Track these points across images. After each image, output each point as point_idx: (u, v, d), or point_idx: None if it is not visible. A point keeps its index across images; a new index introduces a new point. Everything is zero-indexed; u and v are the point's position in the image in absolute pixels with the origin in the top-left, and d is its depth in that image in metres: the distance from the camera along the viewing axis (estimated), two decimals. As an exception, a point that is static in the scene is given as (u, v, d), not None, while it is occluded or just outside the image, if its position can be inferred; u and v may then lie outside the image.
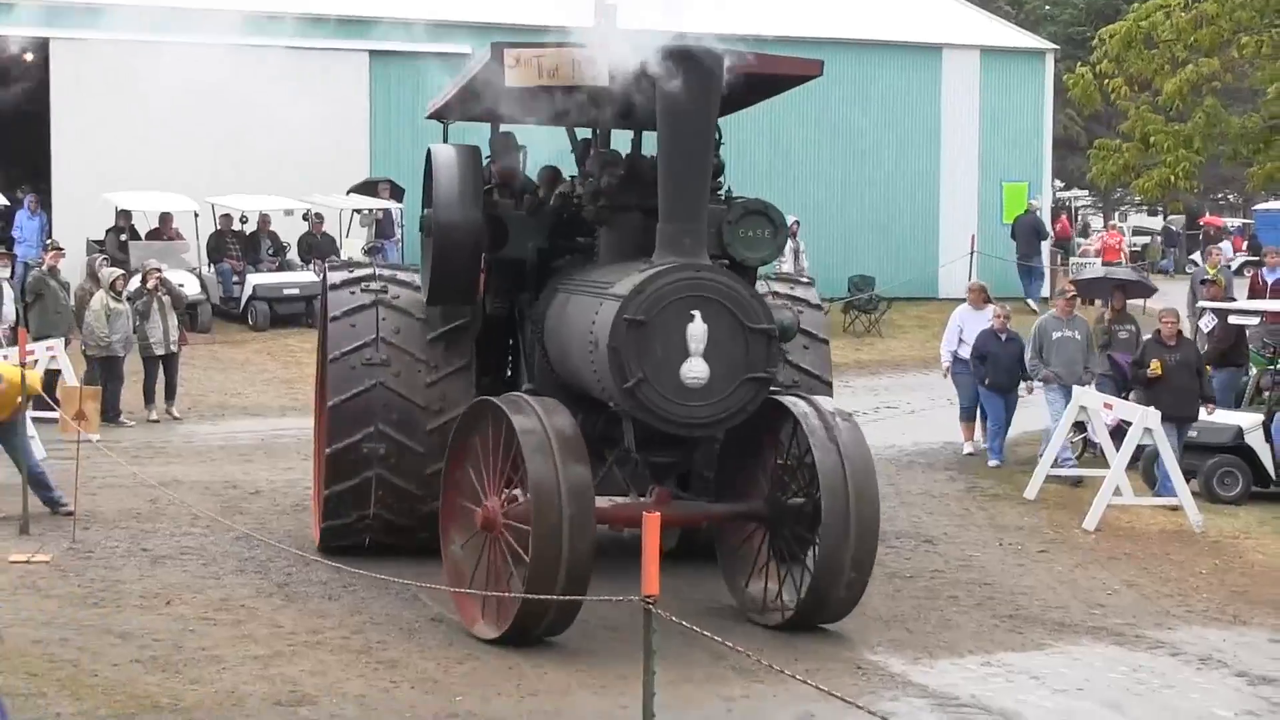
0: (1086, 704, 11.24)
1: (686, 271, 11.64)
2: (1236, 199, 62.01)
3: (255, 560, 14.63)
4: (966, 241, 37.56)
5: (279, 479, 18.91)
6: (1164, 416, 18.02)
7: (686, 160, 11.81)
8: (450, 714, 10.37)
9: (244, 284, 31.98)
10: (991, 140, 40.76)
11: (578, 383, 12.81)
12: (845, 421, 12.28)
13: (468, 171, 13.97)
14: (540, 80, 12.01)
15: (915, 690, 11.33)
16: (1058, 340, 20.06)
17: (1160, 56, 22.44)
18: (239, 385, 27.10)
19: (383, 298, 14.56)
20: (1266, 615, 14.04)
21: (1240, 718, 11.05)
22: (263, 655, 11.62)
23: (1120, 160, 23.89)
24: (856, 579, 12.16)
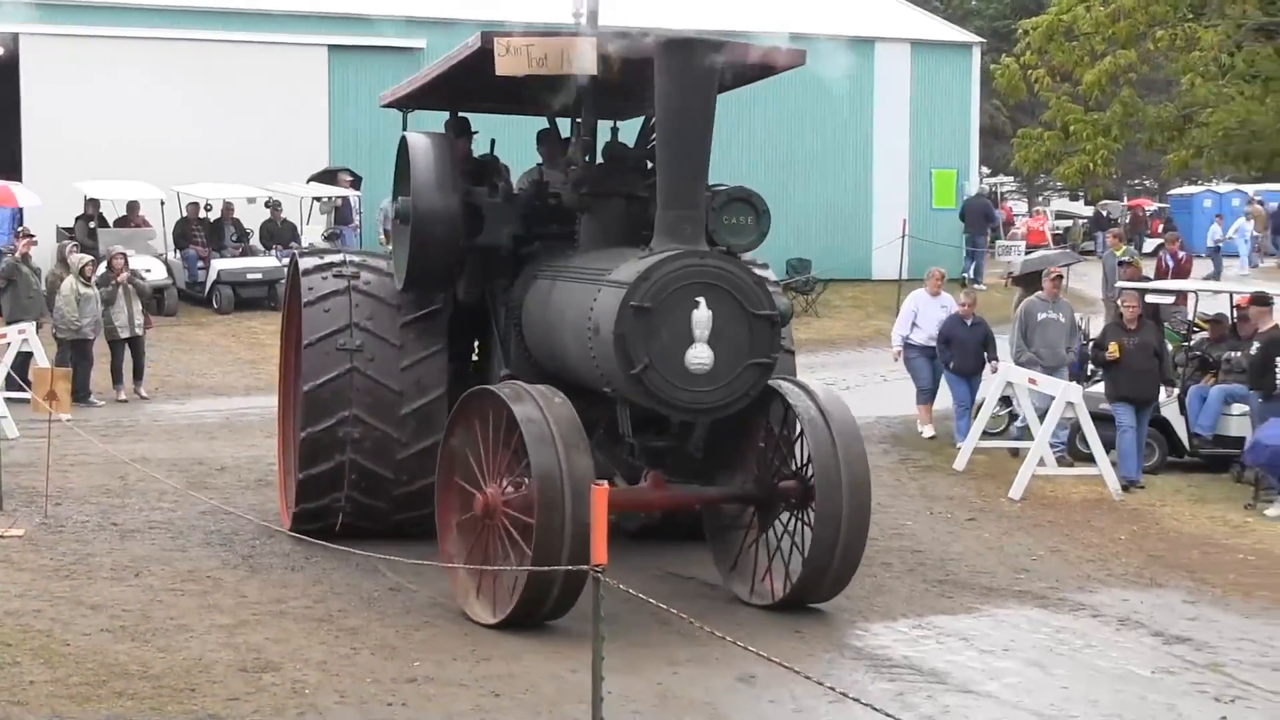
0: (1012, 663, 11.29)
1: (691, 258, 11.39)
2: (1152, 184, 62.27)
3: (221, 533, 14.58)
4: (898, 226, 37.64)
5: (243, 455, 18.85)
6: (1125, 398, 18.06)
7: (685, 148, 11.55)
8: (408, 679, 10.34)
9: (209, 269, 31.91)
10: (922, 129, 40.88)
11: (564, 368, 12.55)
12: (835, 403, 12.14)
13: (444, 159, 13.71)
14: (530, 69, 11.79)
15: (851, 653, 11.36)
16: (1043, 322, 19.76)
17: (1080, 49, 22.48)
18: (204, 366, 26.99)
19: (355, 283, 14.30)
20: (1181, 578, 14.13)
21: (1157, 675, 11.12)
22: (228, 624, 11.58)
23: (1042, 148, 23.96)
24: (848, 560, 11.99)
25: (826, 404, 12.04)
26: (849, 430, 11.98)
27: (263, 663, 10.61)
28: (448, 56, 13.08)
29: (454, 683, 10.29)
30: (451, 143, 13.99)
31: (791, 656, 9.64)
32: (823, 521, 11.77)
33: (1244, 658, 11.61)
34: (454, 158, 13.83)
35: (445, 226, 13.55)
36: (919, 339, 21.16)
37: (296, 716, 9.54)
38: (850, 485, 11.75)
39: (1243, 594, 13.66)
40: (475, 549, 11.77)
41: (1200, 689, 10.82)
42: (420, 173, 13.60)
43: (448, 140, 13.98)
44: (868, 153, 40.25)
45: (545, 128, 14.54)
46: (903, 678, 10.78)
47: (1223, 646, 11.91)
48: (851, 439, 11.94)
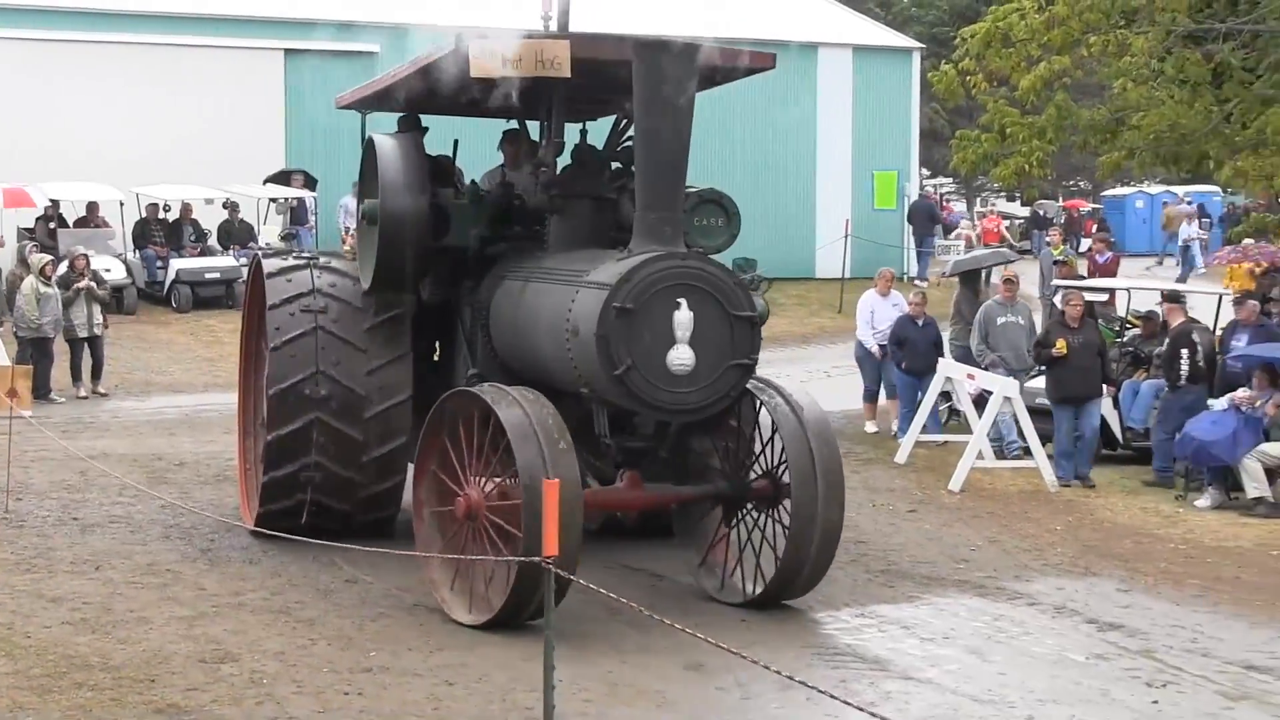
0: (952, 650, 11.34)
1: (672, 260, 11.17)
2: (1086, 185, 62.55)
3: (180, 527, 14.51)
4: (841, 226, 37.75)
5: (202, 451, 18.76)
6: (1067, 396, 18.00)
7: (664, 150, 11.30)
8: (364, 668, 10.32)
9: (167, 268, 31.79)
10: (863, 132, 40.99)
11: (536, 369, 12.28)
12: (808, 402, 12.03)
13: (412, 161, 13.46)
14: (504, 71, 11.58)
15: (796, 641, 11.38)
16: (1003, 325, 19.65)
17: (1016, 54, 22.54)
18: (163, 364, 26.84)
19: (320, 286, 13.97)
20: (1114, 567, 14.22)
21: (1091, 661, 11.18)
22: (187, 616, 11.53)
23: (980, 150, 24.01)
24: (822, 557, 11.89)
25: (799, 403, 11.94)
26: (823, 430, 11.88)
27: (221, 654, 10.56)
28: (418, 58, 12.80)
29: (409, 672, 10.27)
30: (419, 144, 13.75)
31: (739, 644, 9.62)
32: (798, 520, 11.66)
33: (1175, 644, 11.69)
34: (422, 159, 13.59)
35: (413, 228, 13.31)
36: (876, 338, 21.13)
37: (255, 706, 9.50)
38: (825, 484, 11.65)
39: (1173, 582, 13.75)
40: (456, 551, 11.49)
41: (1133, 674, 10.88)
42: (388, 174, 13.34)
43: (415, 142, 13.74)
44: (811, 155, 40.36)
45: (510, 129, 14.33)
46: (846, 665, 10.81)
47: (1154, 633, 11.99)
48: (825, 438, 11.84)
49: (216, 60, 35.60)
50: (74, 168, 32.35)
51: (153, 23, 35.62)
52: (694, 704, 9.81)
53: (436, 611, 11.74)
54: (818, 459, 11.65)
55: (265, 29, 36.61)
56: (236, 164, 34.19)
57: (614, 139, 13.62)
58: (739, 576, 12.21)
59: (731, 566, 12.31)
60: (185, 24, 35.95)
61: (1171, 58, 22.66)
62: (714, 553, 12.54)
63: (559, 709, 8.06)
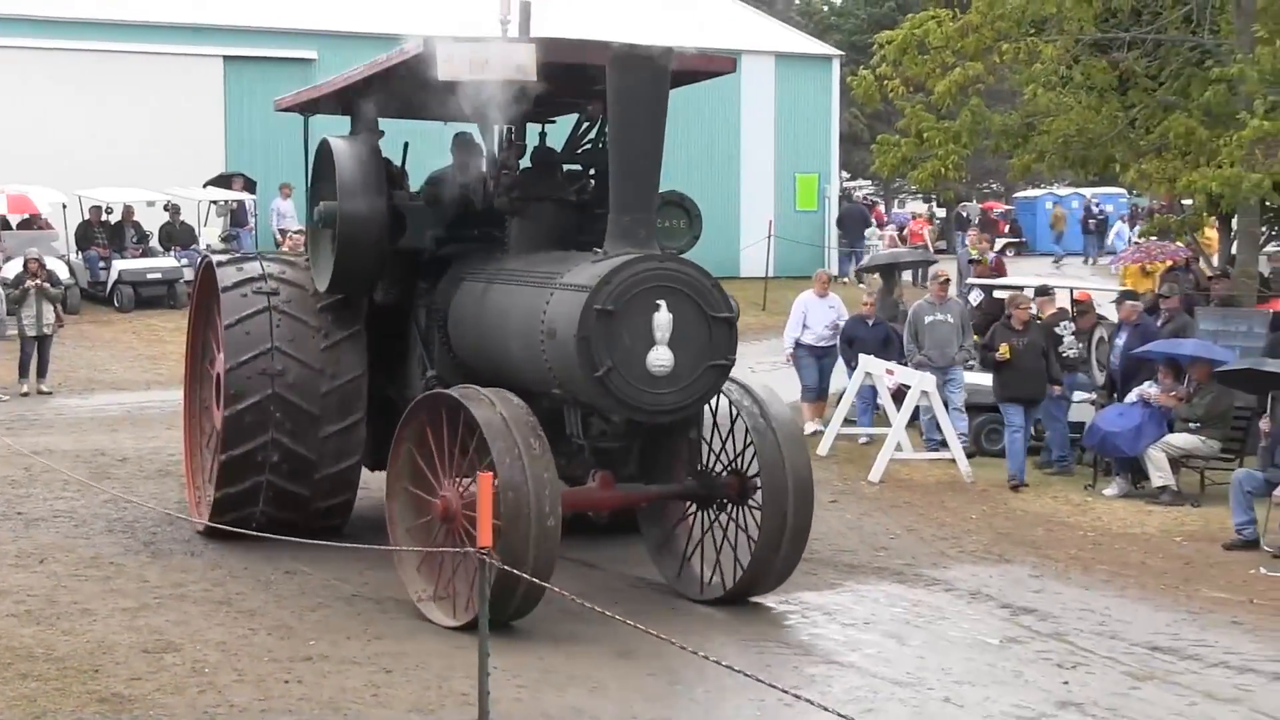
0: (872, 635, 11.39)
1: (651, 262, 10.86)
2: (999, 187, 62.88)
3: (123, 521, 14.39)
4: (765, 226, 37.85)
5: (144, 447, 18.61)
6: (1014, 398, 17.82)
7: (637, 153, 11.04)
8: (304, 657, 10.26)
9: (110, 269, 31.55)
10: (785, 136, 41.12)
11: (502, 370, 11.90)
12: (776, 403, 11.89)
13: (369, 163, 13.12)
14: (470, 75, 11.34)
15: (723, 628, 11.41)
16: (930, 324, 19.35)
17: (932, 61, 22.66)
18: (106, 362, 26.59)
19: (270, 271, 13.66)
20: (1027, 554, 14.31)
21: (1005, 644, 11.25)
22: (131, 607, 11.44)
23: (898, 153, 24.12)
24: (792, 553, 11.75)
25: (768, 404, 11.81)
26: (791, 429, 11.77)
27: (164, 644, 10.49)
28: (376, 61, 12.48)
29: (348, 660, 10.22)
30: (376, 147, 13.39)
31: (668, 631, 9.63)
32: (769, 518, 11.53)
33: (1084, 627, 11.78)
34: (379, 162, 13.27)
35: (371, 230, 12.96)
36: (808, 339, 21.01)
37: (197, 695, 9.44)
38: (795, 482, 11.51)
39: (1083, 568, 13.85)
40: (432, 553, 11.17)
41: (1045, 657, 10.96)
42: (346, 176, 12.98)
43: (371, 144, 13.37)
44: (735, 158, 40.43)
45: (461, 132, 13.97)
46: (771, 650, 10.85)
47: (1065, 617, 12.08)
48: (794, 438, 11.73)
49: (158, 66, 35.45)
50: (17, 171, 32.09)
51: (95, 30, 35.37)
52: (624, 689, 9.81)
53: (374, 601, 11.70)
54: (787, 458, 11.51)
55: (205, 36, 36.48)
56: (177, 167, 34.08)
57: (574, 142, 13.37)
58: (707, 574, 12.04)
59: (703, 564, 12.11)
60: (127, 31, 35.76)
61: (1079, 65, 22.87)
62: (685, 552, 12.35)
63: (493, 695, 8.04)
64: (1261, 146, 20.42)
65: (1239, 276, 22.94)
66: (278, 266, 13.87)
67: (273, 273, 13.69)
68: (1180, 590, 13.12)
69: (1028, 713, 9.67)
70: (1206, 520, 15.76)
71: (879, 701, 9.76)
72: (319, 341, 13.36)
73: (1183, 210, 27.55)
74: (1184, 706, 9.89)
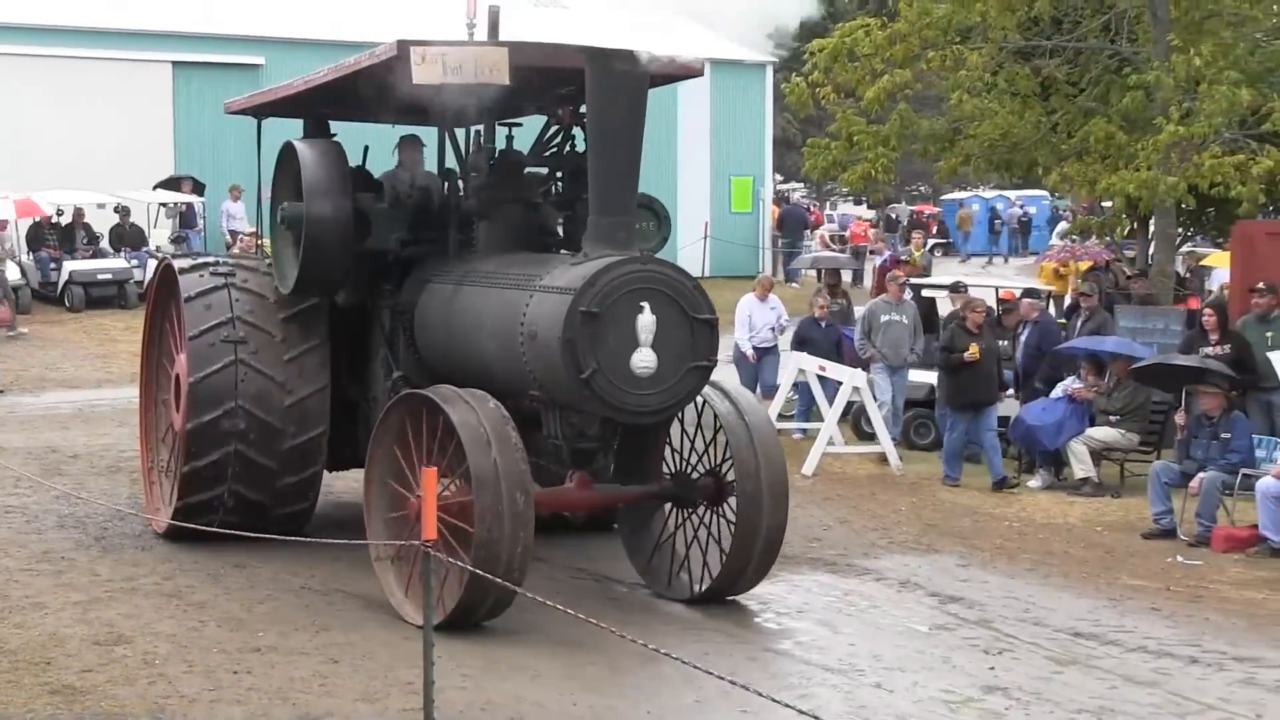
0: (805, 624, 11.43)
1: (634, 264, 10.61)
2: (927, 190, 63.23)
3: (74, 516, 14.25)
4: (701, 228, 37.89)
5: (95, 444, 18.44)
6: (969, 402, 17.39)
7: (617, 156, 10.77)
8: (253, 648, 10.20)
9: (61, 270, 31.32)
10: (721, 140, 41.16)
11: (473, 372, 11.57)
12: (750, 404, 11.77)
13: (335, 165, 12.81)
14: (445, 78, 11.07)
15: (661, 617, 11.43)
16: (885, 323, 18.97)
17: (862, 68, 22.77)
18: (57, 361, 26.33)
19: (232, 280, 13.33)
20: (954, 544, 14.39)
21: (934, 631, 11.32)
22: (82, 601, 11.33)
23: (829, 157, 24.23)
24: (768, 554, 11.58)
25: (743, 405, 11.66)
26: (766, 430, 11.62)
27: (115, 636, 10.39)
28: (345, 64, 12.21)
29: (296, 651, 10.17)
30: (340, 150, 13.07)
31: (609, 622, 9.63)
32: (744, 518, 11.36)
33: (1009, 614, 11.86)
34: (344, 164, 12.97)
35: (337, 232, 12.66)
36: (755, 342, 20.99)
37: (147, 686, 9.36)
38: (770, 483, 11.35)
39: (1008, 557, 13.94)
40: (406, 552, 10.73)
41: (972, 643, 11.03)
42: (312, 179, 12.67)
43: (336, 147, 13.08)
44: (673, 161, 40.37)
45: (408, 134, 13.74)
46: (708, 638, 10.86)
47: (991, 604, 12.15)
48: (769, 439, 11.57)
49: (108, 72, 35.30)
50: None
51: (47, 35, 35.12)
52: (565, 677, 9.80)
53: (322, 594, 11.64)
54: (762, 460, 11.35)
55: (154, 42, 36.35)
56: (127, 170, 33.86)
57: (541, 144, 13.03)
58: (685, 574, 11.87)
59: (680, 565, 11.95)
60: (78, 36, 35.57)
61: (1003, 72, 23.03)
62: (659, 551, 12.18)
63: (438, 684, 8.02)
64: (1177, 151, 20.65)
65: (1156, 276, 23.17)
66: (241, 274, 13.51)
67: (236, 281, 13.37)
68: (1101, 578, 13.22)
69: (955, 697, 9.73)
70: (1126, 510, 15.89)
71: (812, 687, 9.79)
72: (283, 353, 13.04)
73: (1103, 212, 27.77)
74: (1104, 690, 9.97)
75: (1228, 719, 9.46)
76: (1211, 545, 14.30)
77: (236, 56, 36.01)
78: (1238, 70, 20.76)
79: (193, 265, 13.59)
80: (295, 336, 13.15)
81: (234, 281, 13.33)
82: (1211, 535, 14.42)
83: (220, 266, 13.55)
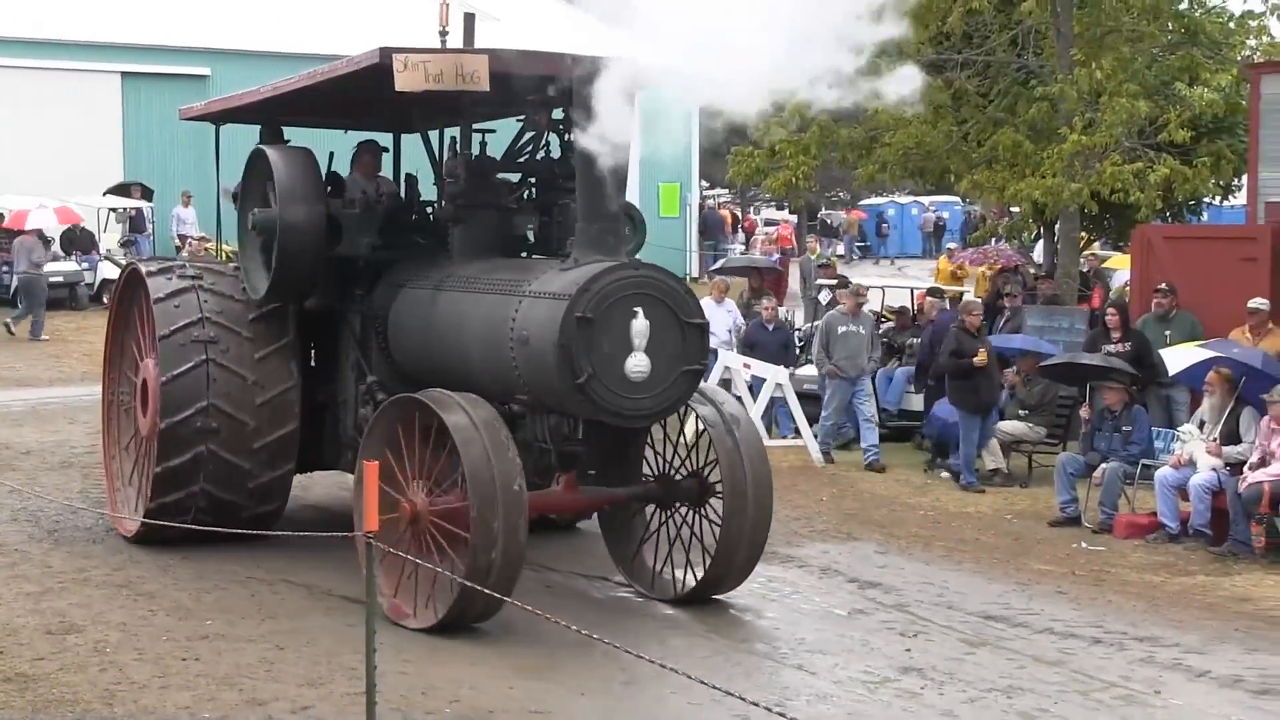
0: (730, 611, 11.43)
1: (627, 270, 10.28)
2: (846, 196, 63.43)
3: (27, 510, 14.06)
4: (629, 232, 37.84)
5: (48, 440, 18.22)
6: (979, 404, 16.76)
7: (606, 163, 10.32)
8: (201, 636, 10.13)
9: (13, 272, 30.92)
10: (649, 147, 41.03)
11: (455, 376, 11.09)
12: (734, 405, 11.54)
13: (308, 171, 12.38)
14: (427, 85, 10.66)
15: (593, 605, 11.42)
16: (843, 335, 18.22)
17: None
18: (9, 360, 25.98)
19: (200, 283, 12.90)
20: (872, 533, 14.45)
21: (853, 615, 11.36)
22: (35, 592, 11.21)
23: (753, 164, 24.30)
24: (752, 554, 11.28)
25: (726, 407, 11.41)
26: (750, 431, 11.38)
27: (67, 625, 10.30)
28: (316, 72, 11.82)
29: (242, 639, 10.10)
30: (312, 156, 12.61)
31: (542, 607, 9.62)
32: (730, 519, 11.07)
33: (924, 598, 11.93)
34: (317, 170, 12.56)
35: (311, 237, 12.25)
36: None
37: (99, 673, 9.28)
38: (754, 483, 11.10)
39: (923, 544, 14.02)
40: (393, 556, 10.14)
41: (889, 626, 11.09)
42: (285, 185, 12.24)
43: (308, 153, 12.58)
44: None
45: (366, 140, 13.42)
46: (636, 624, 10.89)
47: (907, 589, 12.22)
48: (753, 440, 11.32)
49: (58, 82, 35.24)
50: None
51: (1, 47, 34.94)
52: (502, 662, 9.78)
53: (267, 584, 11.56)
54: (747, 462, 11.07)
55: (104, 53, 36.19)
56: (78, 177, 33.74)
57: (515, 150, 12.54)
58: (672, 574, 11.58)
59: (660, 565, 11.71)
60: (30, 48, 35.49)
61: (918, 84, 23.13)
62: (643, 552, 11.86)
63: (380, 668, 7.98)
64: (1080, 159, 20.86)
65: (1062, 278, 23.37)
66: (209, 277, 13.14)
67: (204, 284, 12.98)
68: (1010, 564, 13.32)
69: (874, 677, 9.78)
70: (1034, 500, 16.01)
71: (737, 669, 9.81)
72: (252, 352, 12.67)
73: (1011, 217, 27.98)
74: (1013, 670, 10.04)
75: (1128, 695, 9.55)
76: (1114, 532, 14.44)
77: (183, 67, 35.93)
78: (1136, 83, 20.99)
79: (160, 269, 13.21)
80: (264, 336, 12.75)
81: (202, 284, 12.92)
82: (1114, 522, 14.56)
83: (188, 269, 13.17)
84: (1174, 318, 16.92)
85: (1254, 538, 13.31)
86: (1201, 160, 21.64)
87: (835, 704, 9.23)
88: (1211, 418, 14.50)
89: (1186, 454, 14.30)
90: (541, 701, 9.03)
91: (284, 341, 12.82)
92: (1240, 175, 22.44)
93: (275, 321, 12.85)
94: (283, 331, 12.85)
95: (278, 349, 12.78)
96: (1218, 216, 33.84)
